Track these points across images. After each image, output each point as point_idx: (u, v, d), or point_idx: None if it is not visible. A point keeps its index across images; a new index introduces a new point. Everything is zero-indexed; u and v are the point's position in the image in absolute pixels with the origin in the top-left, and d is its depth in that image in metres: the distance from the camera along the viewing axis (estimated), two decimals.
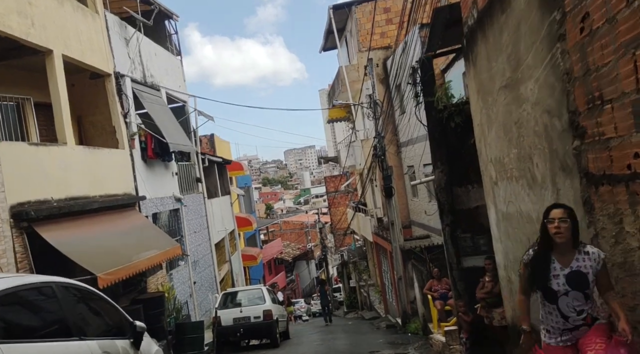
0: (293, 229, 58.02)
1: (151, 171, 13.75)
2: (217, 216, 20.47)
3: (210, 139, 25.20)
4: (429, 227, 18.60)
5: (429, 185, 18.17)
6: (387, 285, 20.93)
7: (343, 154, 25.90)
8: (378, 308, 23.06)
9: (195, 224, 16.69)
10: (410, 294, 16.38)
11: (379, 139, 15.85)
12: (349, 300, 31.42)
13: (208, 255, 17.59)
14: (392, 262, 18.65)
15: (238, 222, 27.69)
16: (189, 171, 17.29)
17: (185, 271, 15.27)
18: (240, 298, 14.59)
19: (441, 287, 11.54)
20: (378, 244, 21.19)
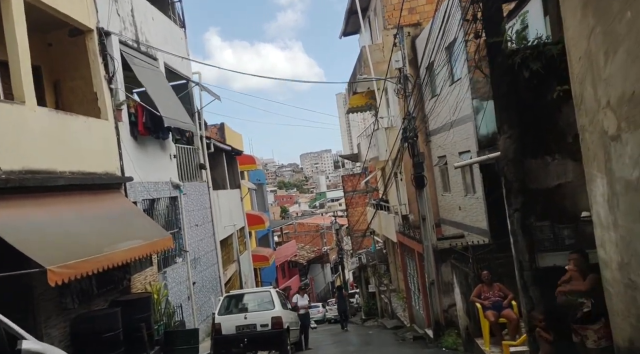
0: (308, 232, 55.74)
1: (143, 150, 11.60)
2: (225, 210, 18.29)
3: (220, 129, 23.09)
4: (463, 225, 16.18)
5: (465, 176, 15.79)
6: (413, 291, 18.54)
7: (364, 146, 23.59)
8: (401, 316, 20.65)
9: (197, 216, 14.51)
10: (444, 301, 13.99)
11: (409, 119, 13.53)
12: (367, 307, 29.02)
13: (212, 252, 15.39)
14: (421, 265, 16.27)
15: (249, 220, 25.51)
16: (191, 155, 15.12)
17: (182, 269, 13.07)
18: (245, 301, 12.35)
19: (493, 294, 9.16)
20: (403, 244, 18.82)
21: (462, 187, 15.69)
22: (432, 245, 13.78)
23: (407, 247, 18.24)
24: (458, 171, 15.98)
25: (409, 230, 17.79)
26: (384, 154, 19.27)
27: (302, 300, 15.66)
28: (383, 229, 22.58)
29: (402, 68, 13.40)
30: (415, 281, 17.80)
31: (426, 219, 13.84)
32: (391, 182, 19.57)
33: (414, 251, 16.86)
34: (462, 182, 15.67)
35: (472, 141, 14.08)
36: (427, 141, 19.22)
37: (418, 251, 16.20)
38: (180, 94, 14.25)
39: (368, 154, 21.71)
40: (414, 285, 18.18)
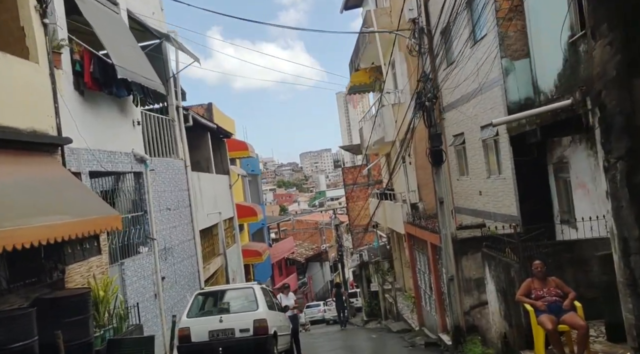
0: (307, 229, 53.31)
1: (93, 109, 9.14)
2: (208, 195, 15.84)
3: (207, 110, 20.63)
4: (484, 213, 13.72)
5: (489, 154, 13.32)
6: (423, 289, 16.09)
7: (366, 130, 21.16)
8: (408, 319, 18.20)
9: (169, 198, 12.06)
10: (465, 301, 11.54)
11: (424, 80, 11.07)
12: (369, 307, 26.57)
13: (189, 242, 12.94)
14: (435, 259, 13.83)
15: (239, 211, 23.05)
16: (164, 127, 12.68)
17: (148, 261, 10.61)
18: (221, 300, 9.91)
19: (548, 291, 6.69)
20: (412, 236, 16.37)
21: (485, 169, 13.24)
22: (451, 234, 11.33)
23: (417, 239, 15.79)
24: (478, 151, 13.53)
25: (420, 220, 15.34)
26: (390, 134, 16.83)
27: (287, 300, 13.23)
28: (388, 220, 20.13)
29: (417, 18, 10.95)
30: (426, 278, 15.35)
31: (444, 203, 11.39)
32: (398, 166, 17.11)
33: (426, 243, 14.41)
34: (485, 162, 13.21)
35: (499, 109, 11.64)
36: (440, 119, 16.75)
37: (432, 243, 13.76)
38: (155, 62, 11.80)
39: (372, 138, 19.27)
40: (425, 283, 15.73)
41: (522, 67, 11.18)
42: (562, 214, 10.51)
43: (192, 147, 16.90)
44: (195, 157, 16.85)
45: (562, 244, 8.13)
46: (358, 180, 34.56)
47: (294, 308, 13.44)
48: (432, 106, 10.84)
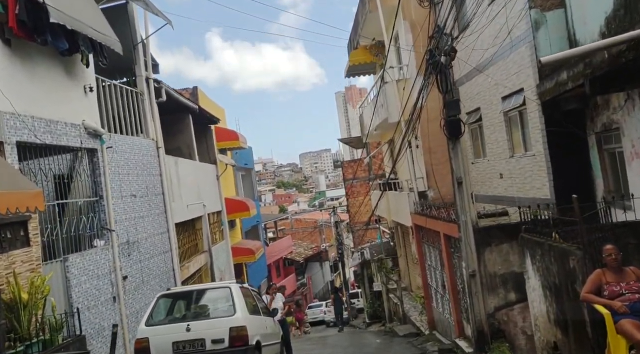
0: (306, 228, 51.36)
1: (25, 64, 7.22)
2: (189, 184, 13.93)
3: (192, 94, 18.69)
4: (506, 198, 11.78)
5: (512, 129, 11.38)
6: (434, 288, 14.14)
7: (367, 115, 19.22)
8: (416, 321, 16.25)
9: (136, 183, 10.13)
10: (489, 302, 9.59)
11: (439, 35, 9.13)
12: (371, 308, 24.60)
13: (161, 236, 10.99)
14: (449, 253, 11.90)
15: (230, 205, 21.12)
16: (131, 101, 10.75)
17: (104, 257, 8.67)
18: (190, 304, 7.97)
19: (627, 286, 4.77)
20: (421, 228, 14.44)
21: (507, 147, 11.30)
22: (472, 221, 9.39)
23: (427, 231, 13.85)
24: (499, 127, 11.61)
25: (430, 209, 13.40)
26: (394, 114, 14.90)
27: (275, 302, 11.39)
28: (392, 213, 18.19)
29: None
30: (438, 275, 13.41)
31: (463, 184, 9.45)
32: (403, 151, 15.18)
33: (438, 235, 12.47)
34: (507, 139, 11.27)
35: (527, 72, 9.73)
36: None
37: (445, 234, 11.83)
38: (119, 27, 9.87)
39: (373, 122, 17.32)
40: (436, 281, 13.79)
41: (555, 18, 9.25)
42: (609, 193, 8.57)
43: (172, 131, 15.02)
44: (176, 142, 14.96)
45: (625, 226, 6.21)
46: (358, 174, 32.65)
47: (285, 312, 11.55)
48: (448, 62, 8.89)
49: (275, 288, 12.24)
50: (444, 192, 14.83)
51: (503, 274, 9.75)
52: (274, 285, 12.48)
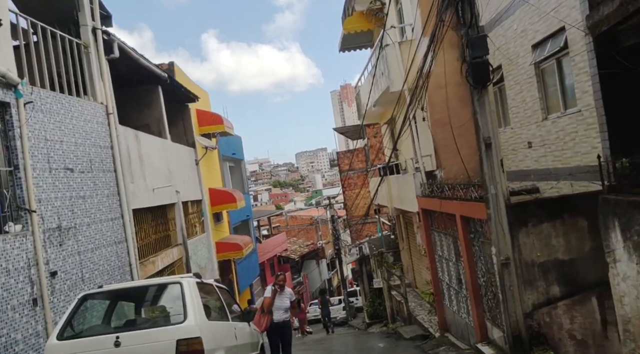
0: (301, 225, 49.09)
1: None
2: (157, 166, 11.68)
3: (169, 69, 16.35)
4: (537, 172, 9.59)
5: (546, 83, 9.16)
6: (445, 283, 11.91)
7: (364, 90, 16.98)
8: (424, 321, 14.02)
9: (73, 154, 7.87)
10: (526, 298, 7.36)
11: None
12: (371, 307, 22.35)
13: (111, 223, 8.72)
14: (467, 239, 9.65)
15: (215, 196, 18.89)
16: (71, 53, 8.48)
17: (20, 246, 6.40)
18: (124, 308, 5.72)
19: None
20: (430, 213, 12.22)
21: (539, 107, 9.10)
22: (504, 194, 7.17)
23: (438, 216, 11.62)
24: (528, 84, 9.41)
25: (441, 190, 11.16)
26: (397, 82, 12.65)
27: (281, 299, 9.03)
28: (394, 199, 15.95)
29: None
30: (452, 267, 11.18)
31: (492, 147, 7.23)
32: (407, 125, 12.95)
33: (453, 219, 10.23)
34: (539, 98, 9.07)
35: (570, 3, 7.55)
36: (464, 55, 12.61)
37: (463, 216, 9.59)
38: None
39: (371, 97, 15.10)
40: (449, 274, 11.55)
41: None
42: None
43: (139, 105, 12.80)
44: (143, 117, 12.73)
45: None
46: (355, 165, 30.44)
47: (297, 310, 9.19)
48: None
49: (283, 279, 9.38)
50: (455, 171, 12.59)
51: (543, 263, 7.55)
52: (282, 275, 9.54)
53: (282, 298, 9.19)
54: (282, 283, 9.24)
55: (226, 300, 6.60)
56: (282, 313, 8.94)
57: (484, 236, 8.81)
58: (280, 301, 9.11)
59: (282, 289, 9.28)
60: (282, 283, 9.24)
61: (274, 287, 9.12)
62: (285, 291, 9.35)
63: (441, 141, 12.76)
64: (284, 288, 9.31)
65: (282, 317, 8.93)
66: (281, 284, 9.21)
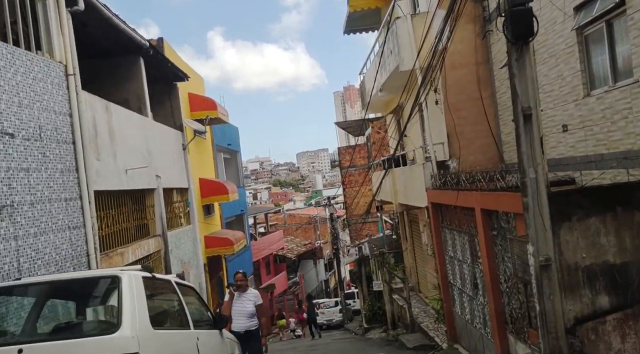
0: (300, 224, 47.59)
1: None
2: (132, 144, 10.21)
3: (157, 45, 14.87)
4: (573, 160, 8.08)
5: (589, 53, 7.67)
6: (457, 287, 10.41)
7: (370, 75, 15.50)
8: (430, 330, 12.52)
9: (16, 116, 6.40)
10: (567, 309, 5.87)
11: None
12: (370, 311, 20.85)
13: (65, 204, 7.23)
14: (487, 236, 8.14)
15: (205, 187, 17.44)
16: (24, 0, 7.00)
17: None
18: (42, 309, 4.22)
19: None
20: (441, 207, 10.73)
21: (580, 81, 7.60)
22: (545, 178, 5.69)
23: (451, 211, 10.11)
24: (565, 56, 7.92)
25: (456, 180, 9.65)
26: (408, 60, 11.16)
27: (241, 302, 7.47)
28: (399, 194, 14.45)
29: None
30: (466, 269, 9.67)
31: (532, 119, 5.73)
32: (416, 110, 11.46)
33: (471, 214, 8.72)
34: (580, 70, 7.57)
35: None
36: (485, 30, 11.17)
37: (484, 210, 8.09)
38: None
39: (378, 80, 13.61)
40: (462, 278, 10.04)
41: None
42: None
43: (118, 77, 11.35)
44: (121, 91, 11.27)
45: None
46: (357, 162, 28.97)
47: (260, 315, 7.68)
48: None
49: (242, 278, 7.74)
50: (471, 161, 11.11)
51: (589, 267, 6.05)
52: (241, 274, 7.83)
53: (242, 301, 7.55)
54: (241, 283, 7.68)
55: (189, 302, 5.11)
56: (245, 321, 7.39)
57: (510, 232, 7.31)
58: (241, 306, 7.49)
59: (242, 290, 7.66)
60: (241, 283, 7.68)
61: (230, 288, 7.58)
62: (247, 293, 7.71)
63: (455, 128, 11.28)
64: (246, 289, 7.72)
65: (245, 325, 7.37)
66: (239, 284, 7.65)
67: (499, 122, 10.87)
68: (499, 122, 10.85)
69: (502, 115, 10.65)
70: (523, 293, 7.23)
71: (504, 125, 10.65)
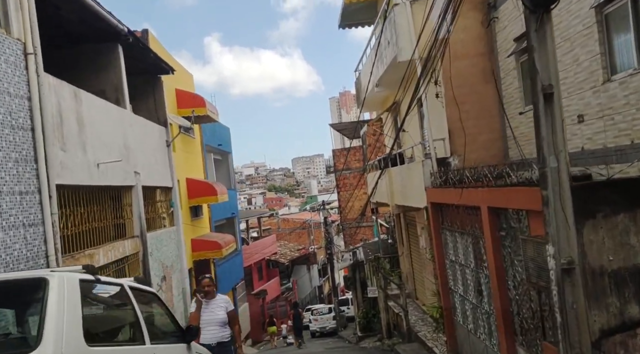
0: (294, 228, 46.68)
1: None
2: (106, 136, 9.36)
3: (142, 37, 14.04)
4: (587, 154, 7.27)
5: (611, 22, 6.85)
6: (459, 294, 9.57)
7: (365, 73, 14.73)
8: (428, 340, 11.66)
9: None
10: (593, 320, 5.06)
11: None
12: (364, 319, 19.96)
13: (21, 198, 6.36)
14: (495, 237, 7.30)
15: (192, 187, 16.60)
16: None
17: None
18: None
19: None
20: (442, 207, 9.92)
21: (599, 66, 6.81)
22: (567, 168, 4.89)
23: (453, 211, 9.29)
24: (583, 37, 7.14)
25: (459, 178, 8.83)
26: (407, 50, 10.36)
27: (210, 310, 6.46)
28: (396, 195, 13.62)
29: None
30: (469, 275, 8.84)
31: (554, 98, 4.93)
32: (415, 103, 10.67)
33: (476, 213, 7.91)
34: (602, 51, 6.79)
35: None
36: (489, 18, 10.40)
37: (491, 208, 7.28)
38: None
39: (374, 74, 12.82)
40: (464, 284, 9.22)
41: None
42: None
43: (94, 66, 10.50)
44: (98, 82, 10.41)
45: None
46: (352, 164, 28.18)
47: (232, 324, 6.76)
48: None
49: (209, 283, 6.61)
50: (474, 159, 10.29)
51: (617, 271, 5.25)
52: (207, 278, 6.74)
53: (211, 309, 6.50)
54: (209, 289, 6.59)
55: (147, 311, 4.24)
56: (216, 331, 6.43)
57: (522, 232, 6.50)
58: (211, 314, 6.45)
59: (210, 297, 6.60)
60: (209, 289, 6.59)
61: (196, 296, 6.54)
62: (216, 299, 6.65)
63: (457, 122, 10.47)
64: (214, 295, 6.68)
65: (217, 336, 6.41)
66: (207, 290, 6.57)
67: (505, 117, 10.08)
68: (504, 117, 10.06)
69: (507, 108, 9.87)
70: (536, 301, 6.41)
71: (509, 119, 9.87)
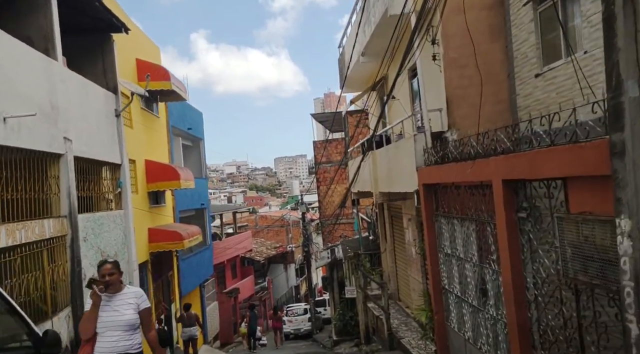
0: (271, 225, 44.73)
1: None
2: (29, 91, 7.41)
3: None
4: None
5: None
6: (455, 294, 7.82)
7: (349, 44, 12.96)
8: (413, 347, 9.88)
9: None
10: None
11: None
12: (340, 321, 18.15)
13: None
14: (510, 221, 5.52)
15: (151, 169, 14.64)
16: None
17: None
18: None
19: None
20: (437, 190, 8.17)
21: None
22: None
23: (451, 192, 7.53)
24: None
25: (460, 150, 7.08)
26: (398, 2, 8.62)
27: (114, 308, 4.36)
28: (381, 181, 11.83)
29: None
30: (470, 270, 7.09)
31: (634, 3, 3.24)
32: (407, 61, 8.90)
33: (484, 192, 6.16)
34: None
35: None
36: None
37: (506, 180, 5.52)
38: None
39: (360, 41, 11.04)
40: (462, 282, 7.45)
41: None
42: None
43: (19, 8, 8.54)
44: (23, 27, 8.46)
45: None
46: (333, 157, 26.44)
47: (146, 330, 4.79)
48: None
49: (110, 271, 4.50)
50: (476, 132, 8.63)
51: None
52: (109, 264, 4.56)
53: (115, 306, 4.51)
54: (111, 279, 4.52)
55: None
56: (119, 338, 4.46)
57: (556, 209, 4.76)
58: (113, 314, 4.49)
59: (114, 290, 4.55)
60: (111, 279, 4.52)
61: (93, 287, 4.41)
62: (122, 293, 4.59)
63: (457, 90, 8.78)
64: (121, 288, 4.62)
65: (119, 346, 4.44)
66: (108, 280, 4.50)
67: (515, 83, 8.37)
68: (514, 83, 8.35)
69: (519, 72, 8.17)
70: (571, 304, 4.67)
71: (521, 84, 8.16)
